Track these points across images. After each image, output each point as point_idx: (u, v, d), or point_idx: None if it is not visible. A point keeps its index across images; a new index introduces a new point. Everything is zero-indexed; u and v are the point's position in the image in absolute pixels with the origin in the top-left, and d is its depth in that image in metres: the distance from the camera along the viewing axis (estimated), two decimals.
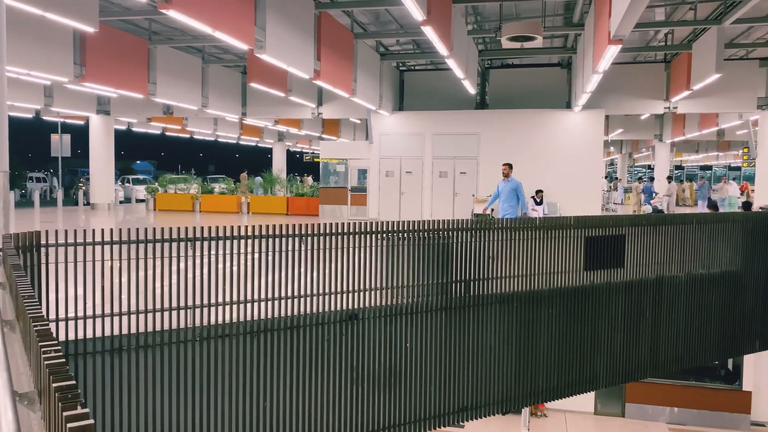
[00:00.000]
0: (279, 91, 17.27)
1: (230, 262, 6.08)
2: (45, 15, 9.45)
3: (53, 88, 19.97)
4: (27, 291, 2.60)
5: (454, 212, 19.08)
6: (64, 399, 1.38)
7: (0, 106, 5.26)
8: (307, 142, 41.79)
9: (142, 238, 5.65)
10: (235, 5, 9.30)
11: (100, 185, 24.03)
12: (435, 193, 19.61)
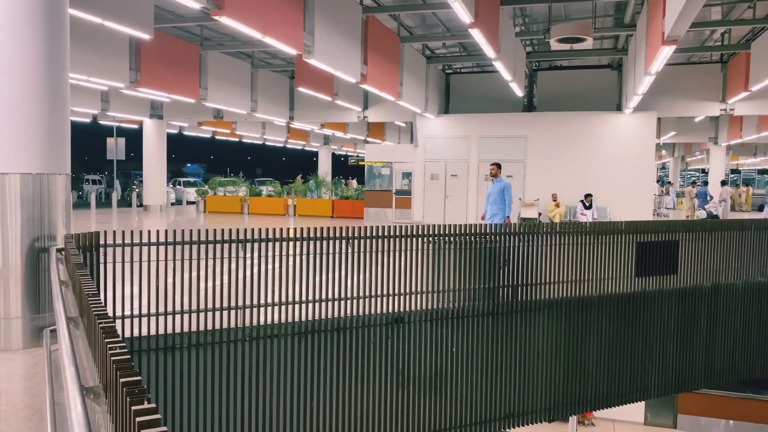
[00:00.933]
0: (326, 95, 17.46)
1: (278, 264, 6.18)
2: (104, 23, 9.80)
3: (109, 93, 20.68)
4: (91, 289, 2.71)
5: None
6: (131, 394, 1.44)
7: (63, 112, 5.50)
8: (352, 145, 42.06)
9: (195, 240, 5.79)
10: (284, 11, 9.45)
11: (153, 187, 24.76)
12: (481, 196, 19.44)
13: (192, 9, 10.41)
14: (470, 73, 21.62)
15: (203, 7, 7.93)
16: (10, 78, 5.08)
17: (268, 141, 35.69)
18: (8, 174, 5.14)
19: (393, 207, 20.93)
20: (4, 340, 5.21)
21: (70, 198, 5.78)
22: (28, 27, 5.12)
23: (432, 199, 19.97)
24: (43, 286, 5.36)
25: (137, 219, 20.89)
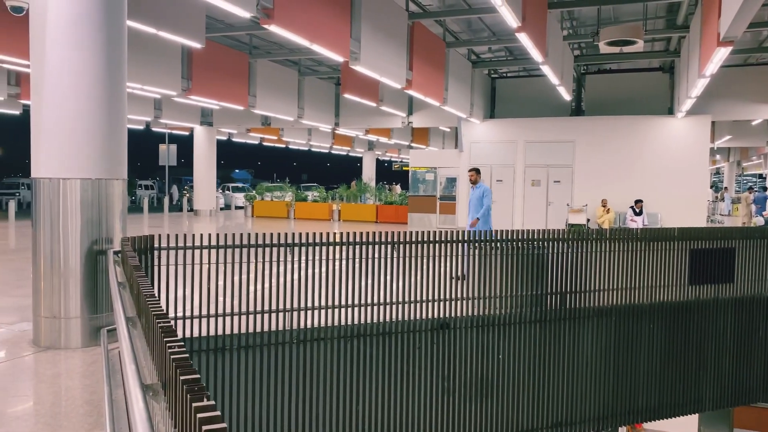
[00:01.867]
0: (371, 101, 17.57)
1: (325, 268, 6.25)
2: (158, 33, 10.13)
3: (162, 101, 21.32)
4: (148, 290, 2.80)
5: (547, 222, 18.61)
6: (191, 391, 1.49)
7: (121, 120, 5.71)
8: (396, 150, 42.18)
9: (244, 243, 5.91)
10: (332, 19, 9.58)
11: (203, 192, 25.39)
12: (527, 202, 19.21)
13: (242, 18, 10.65)
14: (516, 77, 21.41)
15: (253, 16, 8.11)
16: (72, 88, 5.31)
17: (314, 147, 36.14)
18: (69, 179, 5.37)
19: (437, 212, 20.87)
20: (64, 339, 5.43)
21: (127, 202, 5.99)
22: (90, 39, 5.34)
23: None
24: (101, 287, 5.57)
25: (188, 223, 21.43)
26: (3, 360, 5.13)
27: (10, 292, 8.25)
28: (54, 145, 5.37)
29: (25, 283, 8.54)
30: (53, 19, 5.25)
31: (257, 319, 5.96)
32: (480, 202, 9.74)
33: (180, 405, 1.59)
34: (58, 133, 5.35)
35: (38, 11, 5.32)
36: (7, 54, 10.55)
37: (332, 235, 6.37)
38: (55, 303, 5.43)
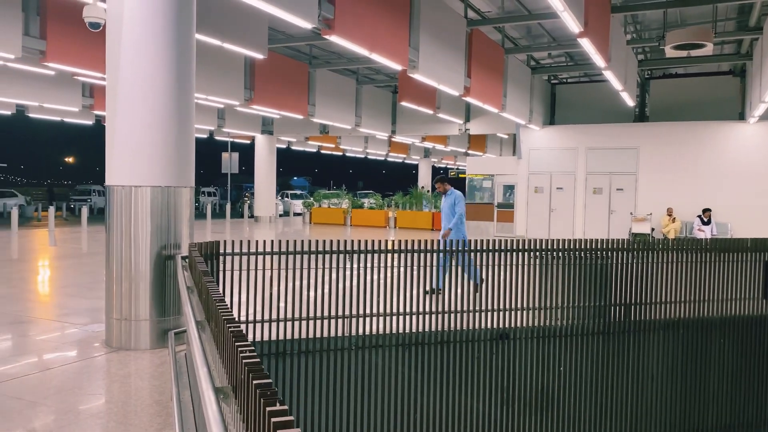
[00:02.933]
0: (428, 109, 17.58)
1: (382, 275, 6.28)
2: (223, 45, 10.46)
3: (225, 110, 21.97)
4: (217, 295, 2.89)
5: (609, 231, 18.10)
6: (264, 395, 1.52)
7: (189, 129, 5.92)
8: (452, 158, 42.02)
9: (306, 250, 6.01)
10: (391, 28, 9.66)
11: (263, 199, 26.00)
12: (588, 210, 18.75)
13: (303, 29, 10.88)
14: (577, 82, 20.98)
15: (314, 27, 8.26)
16: (144, 99, 5.55)
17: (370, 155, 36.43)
18: (140, 186, 5.60)
19: (494, 220, 20.64)
20: (134, 341, 5.65)
21: (194, 209, 6.20)
22: (162, 52, 5.57)
23: (536, 212, 19.49)
24: (169, 291, 5.77)
25: (248, 229, 21.96)
26: (77, 360, 5.38)
27: (84, 294, 8.65)
28: (126, 154, 5.62)
29: (98, 285, 8.95)
30: (127, 34, 5.50)
31: (317, 324, 6.04)
32: (452, 210, 9.17)
33: (252, 408, 1.63)
34: (131, 142, 5.59)
35: (114, 26, 5.59)
36: (84, 67, 11.12)
37: (388, 242, 6.40)
38: (125, 306, 5.66)
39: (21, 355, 5.52)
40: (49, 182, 72.40)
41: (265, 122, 24.83)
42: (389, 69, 17.49)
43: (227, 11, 10.21)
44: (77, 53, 10.66)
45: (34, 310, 7.64)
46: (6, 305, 7.65)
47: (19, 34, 9.90)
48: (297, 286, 6.00)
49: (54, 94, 16.47)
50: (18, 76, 15.02)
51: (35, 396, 4.35)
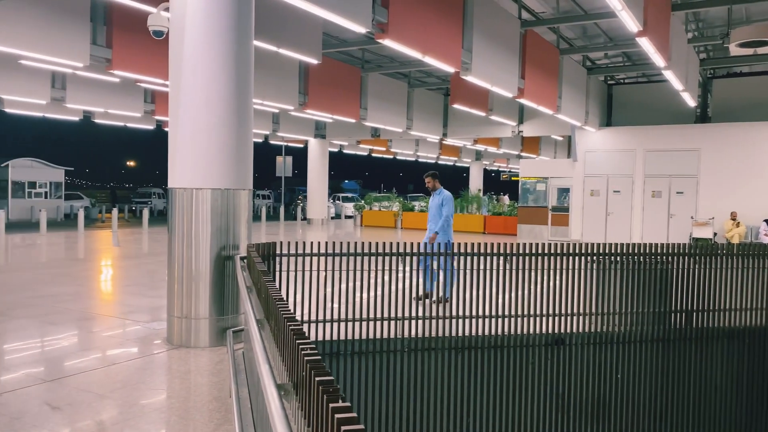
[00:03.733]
0: (480, 111, 17.44)
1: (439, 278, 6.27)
2: (279, 51, 10.67)
3: (280, 115, 22.37)
4: (277, 294, 2.96)
5: (668, 236, 17.53)
6: (327, 392, 1.55)
7: (247, 134, 6.07)
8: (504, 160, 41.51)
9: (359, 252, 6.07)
10: (444, 31, 9.64)
11: (316, 202, 26.36)
12: (646, 214, 18.20)
13: (356, 34, 10.99)
14: (635, 83, 20.42)
15: (368, 32, 8.34)
16: (205, 104, 5.73)
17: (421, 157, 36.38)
18: (201, 189, 5.77)
19: (549, 224, 20.29)
20: (194, 338, 5.83)
21: (252, 211, 6.35)
22: (222, 59, 5.74)
23: (592, 216, 19.06)
24: (227, 290, 5.93)
25: (301, 231, 22.29)
26: (140, 356, 5.58)
27: (145, 293, 8.97)
28: (188, 158, 5.80)
29: (158, 284, 9.28)
30: (190, 41, 5.69)
31: (370, 326, 6.08)
32: (439, 211, 8.54)
33: (315, 405, 1.66)
34: (193, 146, 5.77)
35: (176, 34, 5.79)
36: (147, 74, 11.55)
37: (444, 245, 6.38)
38: (186, 304, 5.84)
39: (88, 350, 5.77)
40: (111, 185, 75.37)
41: (318, 126, 25.17)
42: (441, 71, 17.46)
43: (283, 17, 10.41)
44: (140, 61, 11.08)
45: (99, 308, 7.98)
46: (73, 302, 8.02)
47: (87, 43, 10.36)
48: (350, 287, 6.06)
49: (118, 100, 17.15)
50: (85, 83, 15.72)
51: (102, 389, 4.55)
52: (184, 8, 5.70)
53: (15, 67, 13.31)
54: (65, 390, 4.49)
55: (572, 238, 19.05)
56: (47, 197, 29.77)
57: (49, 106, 17.47)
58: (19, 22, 9.54)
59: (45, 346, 5.95)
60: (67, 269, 11.49)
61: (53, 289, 8.93)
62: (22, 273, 10.86)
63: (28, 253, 14.44)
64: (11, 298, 8.15)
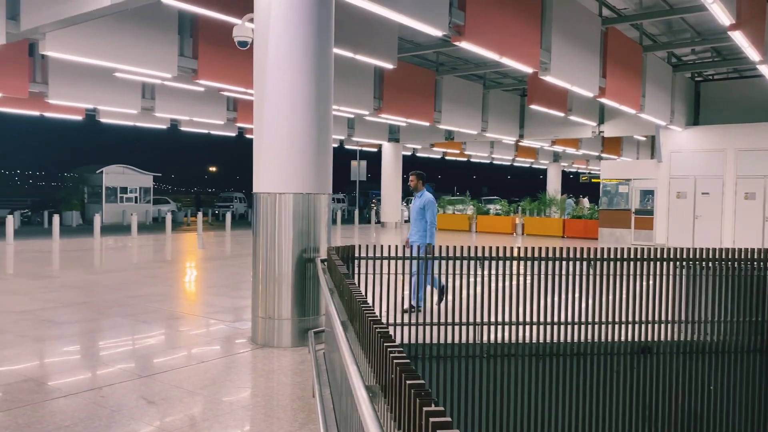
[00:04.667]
0: (558, 111, 17.02)
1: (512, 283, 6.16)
2: (355, 57, 10.82)
3: (355, 120, 22.69)
4: (360, 297, 3.00)
5: (763, 240, 16.47)
6: (419, 395, 1.56)
7: (327, 140, 6.20)
8: (583, 162, 40.31)
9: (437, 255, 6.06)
10: (522, 31, 9.49)
11: (389, 205, 26.54)
12: (738, 217, 17.18)
13: (431, 37, 10.99)
14: (725, 79, 19.34)
15: (445, 35, 8.32)
16: (288, 111, 5.90)
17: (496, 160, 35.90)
18: (284, 194, 5.94)
19: (632, 228, 19.53)
20: (276, 338, 5.99)
21: (331, 215, 6.47)
22: (304, 67, 5.89)
23: (678, 219, 18.19)
24: (308, 292, 6.06)
25: (376, 234, 22.49)
26: (226, 354, 5.80)
27: (229, 293, 9.31)
28: (271, 163, 5.99)
29: (240, 286, 9.61)
30: (273, 50, 5.88)
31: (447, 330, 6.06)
32: (421, 214, 7.89)
33: (406, 408, 1.68)
34: (276, 152, 5.96)
35: (261, 43, 6.00)
36: (230, 83, 12.01)
37: (519, 249, 6.27)
38: (269, 305, 6.02)
39: (178, 348, 6.05)
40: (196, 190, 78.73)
41: (391, 130, 25.35)
42: (517, 72, 17.18)
43: (359, 23, 10.56)
44: (224, 71, 11.54)
45: (186, 307, 8.35)
46: (163, 302, 8.43)
47: (175, 55, 10.90)
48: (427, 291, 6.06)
49: (202, 108, 17.93)
50: (173, 93, 16.53)
51: (192, 386, 4.75)
52: (268, 19, 5.90)
53: (110, 80, 14.19)
54: (159, 386, 4.73)
55: (657, 242, 18.25)
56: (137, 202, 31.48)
57: (140, 116, 18.50)
58: (114, 37, 10.15)
59: (139, 344, 6.29)
60: (157, 270, 12.10)
61: (145, 289, 9.42)
62: (116, 273, 11.53)
63: (121, 255, 15.31)
64: (109, 297, 8.67)
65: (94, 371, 5.18)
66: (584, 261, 6.32)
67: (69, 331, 6.58)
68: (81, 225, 27.56)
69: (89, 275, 11.06)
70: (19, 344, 5.95)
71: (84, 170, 32.63)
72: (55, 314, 7.36)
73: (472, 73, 18.64)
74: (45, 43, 9.45)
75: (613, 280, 6.31)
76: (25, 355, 5.59)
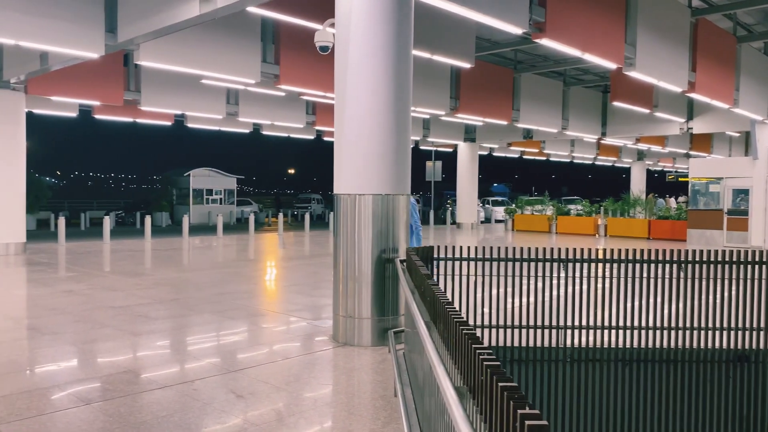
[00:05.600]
0: (644, 108, 16.35)
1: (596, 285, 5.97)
2: (432, 58, 10.82)
3: (430, 120, 22.67)
4: (444, 298, 3.00)
5: None
6: (512, 398, 1.55)
7: (406, 141, 6.23)
8: (670, 160, 38.50)
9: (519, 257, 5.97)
10: (605, 26, 9.19)
11: (465, 206, 26.32)
12: None
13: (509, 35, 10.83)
14: None
15: (525, 32, 8.18)
16: (368, 114, 5.98)
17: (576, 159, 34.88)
18: (364, 195, 6.03)
19: (724, 229, 18.46)
20: (357, 337, 6.09)
21: (410, 216, 6.50)
22: (384, 70, 5.95)
23: None
24: (388, 292, 6.12)
25: (451, 235, 22.37)
26: (309, 352, 5.94)
27: (309, 292, 9.53)
28: (352, 165, 6.09)
29: (320, 284, 9.82)
30: (354, 53, 5.97)
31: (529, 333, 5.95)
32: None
33: (497, 410, 1.67)
34: (356, 154, 6.05)
35: (341, 47, 6.11)
36: (310, 87, 12.30)
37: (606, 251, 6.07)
38: (350, 304, 6.12)
39: (262, 345, 6.26)
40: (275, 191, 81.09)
41: (468, 130, 25.14)
42: (599, 68, 16.62)
43: (436, 24, 10.55)
44: (305, 75, 11.83)
45: (270, 305, 8.62)
46: (247, 300, 8.74)
47: (258, 61, 11.28)
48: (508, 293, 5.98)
49: (283, 113, 18.45)
50: (255, 98, 17.10)
51: (278, 381, 4.91)
52: (348, 23, 6.00)
53: (197, 87, 14.85)
54: (246, 380, 4.91)
55: (752, 244, 17.17)
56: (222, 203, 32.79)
57: (224, 120, 19.25)
58: (201, 46, 10.62)
59: (226, 339, 6.55)
60: (241, 269, 12.56)
61: (230, 287, 9.80)
62: (204, 272, 12.05)
63: (207, 254, 15.99)
64: (198, 294, 9.08)
65: (185, 365, 5.45)
66: (674, 264, 6.05)
67: (162, 326, 6.95)
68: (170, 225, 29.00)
69: (179, 273, 11.63)
70: (118, 338, 6.33)
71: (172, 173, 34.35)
72: (149, 310, 7.79)
73: (551, 70, 18.20)
74: (139, 54, 10.02)
75: (705, 284, 6.00)
76: (123, 348, 5.95)
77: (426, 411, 3.38)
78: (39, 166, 59.58)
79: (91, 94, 13.77)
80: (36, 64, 11.14)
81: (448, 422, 2.32)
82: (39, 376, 5.06)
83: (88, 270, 11.76)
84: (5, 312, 7.77)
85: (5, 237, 13.92)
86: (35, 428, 3.88)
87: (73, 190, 62.17)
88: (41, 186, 26.58)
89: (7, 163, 13.85)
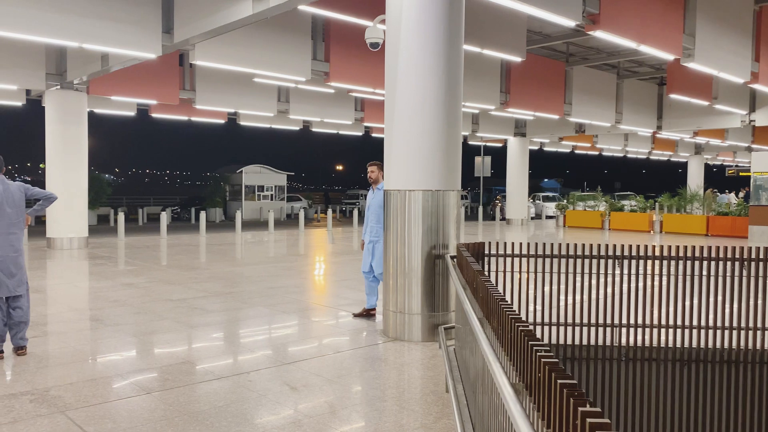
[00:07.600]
0: (702, 100, 15.78)
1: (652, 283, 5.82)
2: (482, 52, 10.72)
3: (479, 115, 22.46)
4: (497, 294, 2.99)
5: None
6: (572, 395, 1.54)
7: (456, 137, 6.21)
8: (730, 153, 37.02)
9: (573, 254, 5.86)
10: (663, 16, 8.91)
11: (515, 202, 25.99)
12: None
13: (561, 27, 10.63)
14: None
15: (578, 24, 8.02)
16: (418, 110, 5.98)
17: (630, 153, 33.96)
18: (414, 191, 6.04)
19: None
20: (407, 332, 6.11)
21: (461, 212, 6.48)
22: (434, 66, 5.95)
23: None
24: (438, 288, 6.12)
25: (501, 232, 22.14)
26: (360, 346, 6.00)
27: (359, 287, 9.60)
28: (402, 161, 6.11)
29: None
30: (404, 49, 5.98)
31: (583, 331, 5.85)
32: (383, 209, 6.61)
33: (557, 408, 1.66)
34: (406, 150, 6.07)
35: (392, 43, 6.13)
36: (359, 84, 12.38)
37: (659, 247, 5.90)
38: (401, 299, 6.15)
39: (314, 338, 6.36)
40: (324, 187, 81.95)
41: (518, 124, 24.80)
42: (655, 59, 16.14)
43: (486, 17, 10.45)
44: (354, 72, 11.91)
45: (321, 299, 8.74)
46: (298, 294, 8.88)
47: (308, 59, 11.42)
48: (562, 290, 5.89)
49: (332, 110, 18.62)
50: (305, 96, 17.32)
51: (330, 374, 4.98)
52: (399, 19, 6.01)
53: (249, 85, 15.15)
54: (299, 373, 5.00)
55: None
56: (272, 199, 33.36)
57: (275, 118, 19.56)
58: (253, 45, 10.83)
59: (278, 332, 6.68)
60: (292, 263, 12.76)
61: (282, 281, 9.98)
62: (256, 266, 12.31)
63: (259, 249, 16.31)
64: (252, 288, 9.29)
65: (240, 356, 5.59)
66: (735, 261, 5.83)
67: (217, 319, 7.14)
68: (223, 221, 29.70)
69: (233, 267, 11.91)
70: (176, 329, 6.54)
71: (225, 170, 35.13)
72: (205, 303, 8.01)
73: (604, 62, 17.76)
74: (194, 53, 10.30)
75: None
76: (181, 340, 6.14)
77: (479, 407, 3.37)
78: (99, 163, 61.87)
79: (149, 93, 14.23)
80: (97, 65, 11.60)
81: (503, 419, 2.31)
82: (102, 365, 5.28)
83: (146, 264, 12.18)
84: (70, 304, 8.14)
85: (69, 232, 14.55)
86: (100, 414, 4.05)
87: (131, 187, 64.42)
88: (101, 183, 27.63)
89: (71, 161, 14.47)
